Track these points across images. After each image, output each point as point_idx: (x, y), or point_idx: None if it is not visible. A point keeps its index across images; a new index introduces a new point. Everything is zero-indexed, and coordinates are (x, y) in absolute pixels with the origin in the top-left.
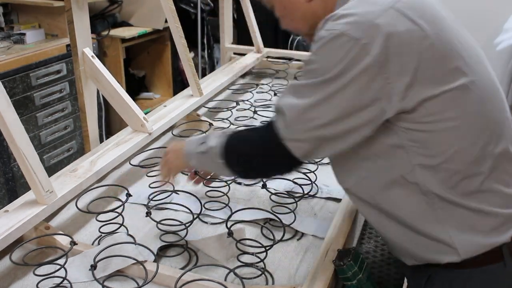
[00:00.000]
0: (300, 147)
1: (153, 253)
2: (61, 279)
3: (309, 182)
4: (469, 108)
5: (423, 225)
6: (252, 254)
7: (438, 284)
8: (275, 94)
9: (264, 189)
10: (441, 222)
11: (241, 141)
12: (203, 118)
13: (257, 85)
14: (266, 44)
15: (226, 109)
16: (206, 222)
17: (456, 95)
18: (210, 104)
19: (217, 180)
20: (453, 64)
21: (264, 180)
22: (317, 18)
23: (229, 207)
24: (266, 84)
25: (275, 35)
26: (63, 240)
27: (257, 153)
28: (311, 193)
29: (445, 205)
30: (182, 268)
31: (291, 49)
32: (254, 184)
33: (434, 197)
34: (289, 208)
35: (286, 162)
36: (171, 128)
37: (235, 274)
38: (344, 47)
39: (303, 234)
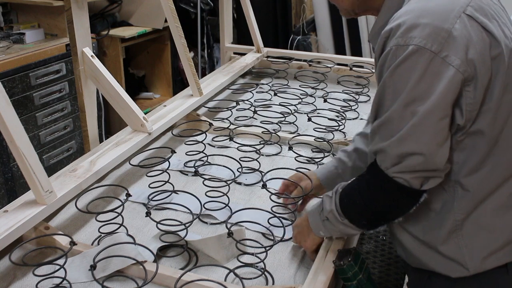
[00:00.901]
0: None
1: (152, 253)
2: (61, 279)
3: (309, 182)
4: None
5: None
6: (252, 254)
7: (439, 284)
8: (275, 94)
9: (264, 189)
10: (458, 241)
11: (352, 193)
12: (203, 118)
13: (257, 85)
14: (266, 44)
15: (226, 109)
16: (206, 222)
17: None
18: (210, 104)
19: (216, 180)
20: None
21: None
22: None
23: (229, 207)
24: (266, 84)
25: (275, 35)
26: (62, 240)
27: (371, 198)
28: (311, 194)
29: (470, 224)
30: (182, 269)
31: (291, 48)
32: (254, 184)
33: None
34: (289, 208)
35: (404, 195)
36: (171, 128)
37: (235, 274)
38: (424, 62)
39: None
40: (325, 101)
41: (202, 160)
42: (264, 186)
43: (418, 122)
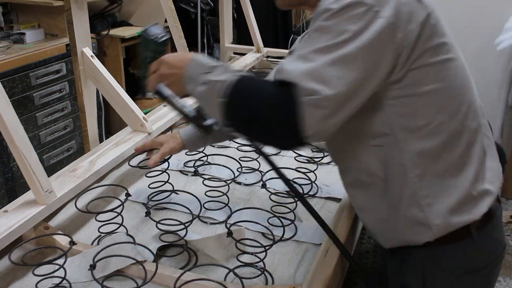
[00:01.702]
0: (315, 112)
1: (152, 253)
2: (61, 279)
3: (309, 181)
4: (451, 82)
5: (401, 202)
6: (252, 254)
7: (412, 265)
8: None
9: (264, 189)
10: (418, 198)
11: (254, 88)
12: None
13: None
14: (266, 44)
15: None
16: (205, 222)
17: (441, 67)
18: None
19: (216, 179)
20: (442, 39)
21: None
22: None
23: (229, 207)
24: None
25: (275, 35)
26: (62, 240)
27: (267, 108)
28: (311, 193)
29: (425, 181)
30: (181, 268)
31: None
32: (254, 184)
33: (414, 171)
34: (289, 208)
35: (293, 131)
36: (171, 128)
37: (235, 274)
38: (358, 13)
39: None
40: None
41: (202, 160)
42: (263, 186)
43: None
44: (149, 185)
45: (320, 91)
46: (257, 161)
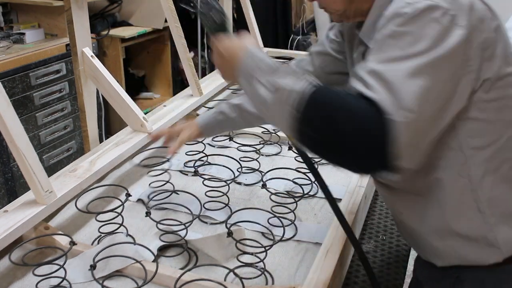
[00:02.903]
0: (408, 134)
1: (152, 253)
2: (61, 279)
3: (309, 182)
4: None
5: (466, 219)
6: (252, 254)
7: (470, 285)
8: None
9: (264, 189)
10: (485, 217)
11: (336, 103)
12: None
13: None
14: (266, 44)
15: None
16: (205, 222)
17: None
18: (210, 104)
19: (217, 180)
20: (510, 49)
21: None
22: None
23: (229, 207)
24: None
25: (275, 35)
26: (62, 240)
27: (355, 128)
28: (311, 193)
29: (493, 199)
30: (181, 268)
31: (291, 49)
32: (254, 184)
33: (482, 187)
34: (289, 208)
35: (382, 155)
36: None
37: (235, 274)
38: (435, 18)
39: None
40: None
41: (202, 160)
42: (264, 186)
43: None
44: (149, 185)
45: (412, 111)
46: (257, 161)
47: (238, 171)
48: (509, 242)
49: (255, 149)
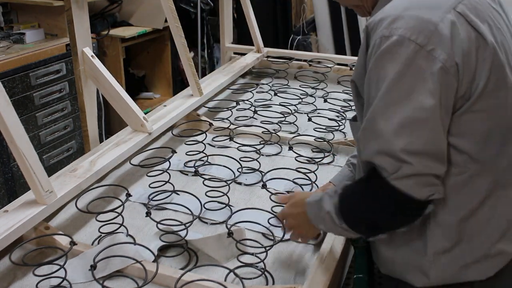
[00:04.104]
0: (419, 181)
1: (153, 253)
2: (61, 280)
3: (309, 182)
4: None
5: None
6: (252, 254)
7: None
8: (275, 94)
9: (264, 189)
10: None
11: (352, 197)
12: (203, 118)
13: (257, 84)
14: (266, 44)
15: (226, 109)
16: (206, 223)
17: (491, 108)
18: (210, 104)
19: (216, 180)
20: (502, 74)
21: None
22: None
23: (229, 207)
24: (266, 84)
25: (275, 35)
26: (62, 240)
27: (371, 207)
28: None
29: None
30: (182, 268)
31: (291, 48)
32: (255, 184)
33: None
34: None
35: (406, 206)
36: (171, 128)
37: (235, 274)
38: (408, 53)
39: None
40: (325, 101)
41: (202, 160)
42: (264, 186)
43: (409, 118)
44: (149, 185)
45: (410, 163)
46: (258, 161)
47: (239, 171)
48: (440, 276)
49: (255, 149)
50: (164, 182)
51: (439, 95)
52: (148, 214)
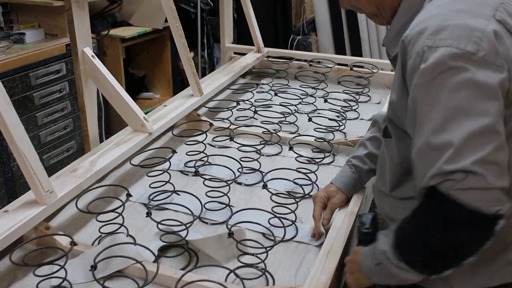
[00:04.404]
0: (482, 195)
1: (153, 253)
2: (61, 280)
3: (310, 182)
4: None
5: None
6: (253, 254)
7: None
8: (275, 94)
9: (265, 190)
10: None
11: (410, 229)
12: (203, 118)
13: (258, 84)
14: (266, 44)
15: (226, 109)
16: (206, 223)
17: None
18: (210, 104)
19: (217, 180)
20: None
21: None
22: None
23: (230, 207)
24: (267, 84)
25: (275, 35)
26: (63, 241)
27: (436, 233)
28: (311, 194)
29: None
30: (182, 269)
31: (291, 48)
32: (255, 184)
33: None
34: (289, 209)
35: (476, 224)
36: (171, 128)
37: (236, 274)
38: (460, 63)
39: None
40: (325, 101)
41: (203, 160)
42: (264, 186)
43: (471, 133)
44: (150, 185)
45: (481, 174)
46: (258, 161)
47: (239, 171)
48: (463, 284)
49: (255, 149)
50: (164, 182)
51: (499, 101)
52: (148, 214)
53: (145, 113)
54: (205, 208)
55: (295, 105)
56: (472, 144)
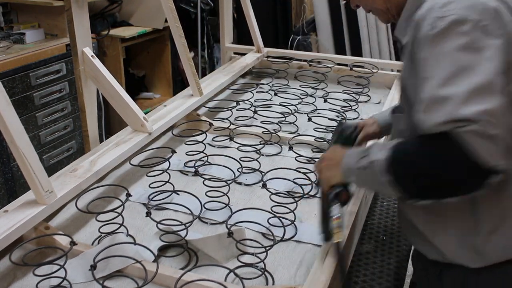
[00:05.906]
0: (484, 140)
1: (153, 253)
2: (61, 280)
3: (309, 182)
4: None
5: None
6: (252, 254)
7: (452, 282)
8: (275, 94)
9: (264, 189)
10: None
11: (413, 153)
12: (203, 118)
13: (257, 84)
14: (266, 44)
15: (226, 109)
16: (206, 223)
17: None
18: (210, 104)
19: (216, 180)
20: None
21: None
22: None
23: (229, 207)
24: (266, 84)
25: (275, 35)
26: (62, 240)
27: (442, 170)
28: (311, 193)
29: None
30: (182, 268)
31: (291, 48)
32: (255, 184)
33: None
34: (289, 208)
35: (479, 171)
36: (171, 128)
37: (235, 274)
38: (466, 29)
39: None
40: (325, 101)
41: (202, 160)
42: (264, 186)
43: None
44: (149, 185)
45: (493, 122)
46: (258, 161)
47: (239, 171)
48: (496, 252)
49: (255, 149)
50: (164, 182)
51: (501, 64)
52: (148, 214)
53: (145, 113)
54: (205, 208)
55: (295, 105)
56: (477, 96)
